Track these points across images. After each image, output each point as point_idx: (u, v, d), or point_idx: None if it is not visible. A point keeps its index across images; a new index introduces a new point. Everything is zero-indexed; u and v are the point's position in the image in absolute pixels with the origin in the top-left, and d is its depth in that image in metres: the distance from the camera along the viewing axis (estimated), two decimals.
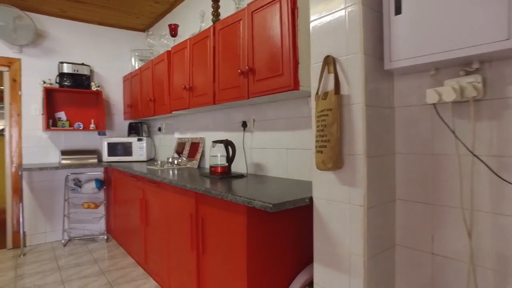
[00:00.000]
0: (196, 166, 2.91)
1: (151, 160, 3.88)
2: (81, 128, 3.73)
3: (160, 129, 3.87)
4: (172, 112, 2.87)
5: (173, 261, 2.19)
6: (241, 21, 1.98)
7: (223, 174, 2.17)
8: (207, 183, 1.90)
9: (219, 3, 2.46)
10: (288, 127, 2.08)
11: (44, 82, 3.53)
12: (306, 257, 1.66)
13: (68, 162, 3.56)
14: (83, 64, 3.75)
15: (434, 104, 1.21)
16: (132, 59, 4.05)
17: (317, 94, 1.36)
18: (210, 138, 2.90)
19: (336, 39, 1.29)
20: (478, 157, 1.12)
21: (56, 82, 3.65)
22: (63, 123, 3.68)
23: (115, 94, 4.14)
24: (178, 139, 3.40)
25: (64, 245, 3.55)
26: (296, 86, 1.62)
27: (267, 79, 1.78)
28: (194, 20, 3.09)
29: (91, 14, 3.71)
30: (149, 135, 4.11)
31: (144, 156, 3.75)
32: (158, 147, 4.00)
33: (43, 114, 3.55)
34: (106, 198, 3.82)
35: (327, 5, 1.32)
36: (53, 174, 3.68)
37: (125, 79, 4.06)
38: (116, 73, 4.12)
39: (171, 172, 2.53)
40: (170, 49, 2.89)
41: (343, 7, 1.26)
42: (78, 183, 3.76)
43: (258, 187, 1.74)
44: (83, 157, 3.67)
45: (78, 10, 3.58)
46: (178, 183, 1.97)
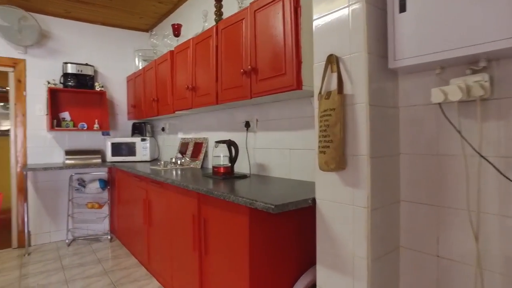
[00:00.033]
0: (200, 166, 2.90)
1: (155, 160, 3.88)
2: (85, 128, 3.75)
3: (163, 129, 3.87)
4: (175, 112, 2.87)
5: (175, 261, 2.18)
6: (243, 20, 1.96)
7: (226, 174, 2.15)
8: (209, 183, 1.88)
9: (222, 3, 2.45)
10: (291, 127, 2.06)
11: (48, 83, 3.54)
12: (309, 258, 1.64)
13: (72, 162, 3.57)
14: (87, 64, 3.76)
15: (440, 103, 1.18)
16: (136, 59, 4.06)
17: (320, 93, 1.34)
18: (213, 138, 2.89)
19: (340, 38, 1.27)
20: (485, 157, 1.10)
21: (60, 83, 3.66)
22: (67, 123, 3.70)
23: (119, 94, 4.15)
24: (182, 139, 3.40)
25: (68, 244, 3.56)
26: (299, 85, 1.61)
27: (270, 79, 1.76)
28: (197, 20, 3.08)
29: (94, 15, 3.73)
30: (152, 135, 4.11)
31: (147, 156, 3.75)
32: (161, 147, 4.01)
33: (47, 115, 3.57)
34: (110, 198, 3.83)
35: (330, 3, 1.30)
36: (57, 174, 3.69)
37: (128, 79, 4.07)
38: (119, 73, 4.13)
39: (174, 173, 2.52)
40: (173, 49, 2.89)
41: (347, 5, 1.24)
42: (82, 183, 3.78)
43: (261, 188, 1.73)
44: (87, 157, 3.68)
45: (82, 10, 3.59)
46: (181, 184, 1.96)
